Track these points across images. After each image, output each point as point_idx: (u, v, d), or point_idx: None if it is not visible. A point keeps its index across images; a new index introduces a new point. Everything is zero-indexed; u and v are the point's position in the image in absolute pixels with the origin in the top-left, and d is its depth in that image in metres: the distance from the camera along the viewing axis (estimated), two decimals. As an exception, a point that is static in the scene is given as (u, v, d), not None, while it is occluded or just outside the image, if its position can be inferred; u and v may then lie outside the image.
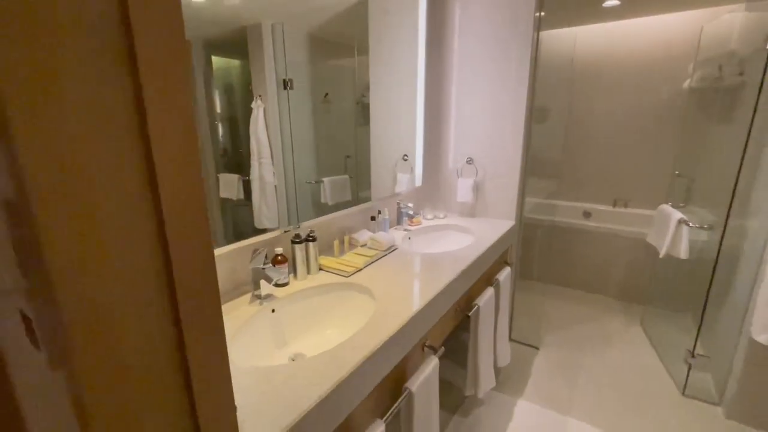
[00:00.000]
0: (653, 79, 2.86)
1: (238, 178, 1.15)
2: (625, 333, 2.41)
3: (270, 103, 1.18)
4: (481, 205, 2.09)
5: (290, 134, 1.28)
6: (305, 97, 1.35)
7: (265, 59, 1.16)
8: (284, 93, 1.23)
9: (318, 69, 1.39)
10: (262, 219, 1.24)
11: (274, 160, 1.23)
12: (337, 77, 1.53)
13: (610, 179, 3.19)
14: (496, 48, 1.86)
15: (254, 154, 1.17)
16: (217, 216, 1.14)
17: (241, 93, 1.15)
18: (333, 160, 1.56)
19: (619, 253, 2.78)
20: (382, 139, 1.85)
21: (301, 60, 1.31)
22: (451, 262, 1.42)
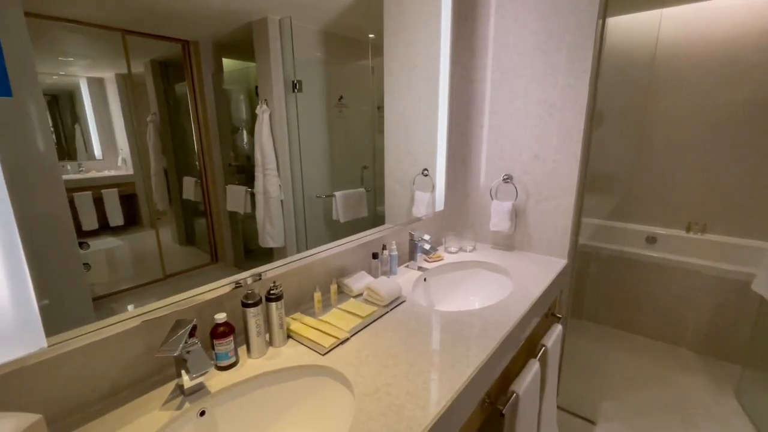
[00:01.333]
0: (751, 71, 2.26)
1: (245, 191, 1.04)
2: (715, 406, 1.83)
3: (276, 107, 1.07)
4: (521, 235, 1.62)
5: (298, 142, 1.15)
6: (317, 100, 1.21)
7: (271, 59, 1.05)
8: (292, 96, 1.11)
9: (331, 69, 1.25)
10: (266, 237, 1.10)
11: (281, 172, 1.10)
12: (354, 78, 1.36)
13: (684, 197, 2.59)
14: (545, 36, 1.41)
15: (258, 165, 1.05)
16: (226, 231, 1.01)
17: (251, 98, 1.05)
18: (348, 172, 1.38)
19: (700, 293, 2.18)
20: (399, 149, 1.50)
21: (312, 59, 1.18)
22: (481, 328, 0.98)
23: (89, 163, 0.77)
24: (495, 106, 1.59)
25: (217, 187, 0.97)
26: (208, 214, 0.97)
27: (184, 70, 0.88)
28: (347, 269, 1.27)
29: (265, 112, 1.04)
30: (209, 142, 0.95)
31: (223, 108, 0.98)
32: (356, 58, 1.36)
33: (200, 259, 0.98)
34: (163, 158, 0.87)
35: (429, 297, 1.41)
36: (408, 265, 1.47)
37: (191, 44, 0.89)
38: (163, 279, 0.88)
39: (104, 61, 0.76)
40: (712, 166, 2.47)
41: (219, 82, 0.95)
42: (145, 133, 0.84)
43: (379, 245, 1.38)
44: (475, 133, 1.67)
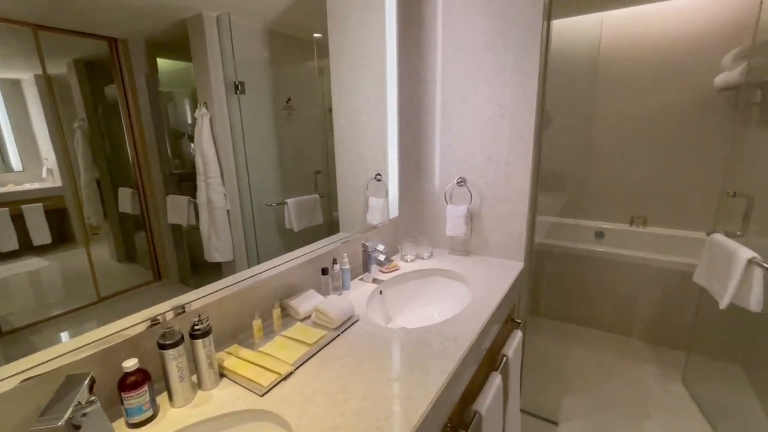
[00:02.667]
0: (682, 74, 2.40)
1: (188, 201, 0.97)
2: (666, 395, 1.90)
3: (217, 110, 1.00)
4: (477, 240, 1.58)
5: (244, 147, 1.07)
6: (262, 102, 1.13)
7: (209, 59, 0.98)
8: (234, 98, 1.04)
9: (277, 70, 1.17)
10: (212, 251, 1.01)
11: (225, 180, 1.02)
12: (302, 80, 1.29)
13: (627, 193, 2.72)
14: (493, 35, 1.37)
15: (200, 172, 0.98)
16: (169, 245, 0.92)
17: (194, 101, 0.98)
18: (300, 177, 1.31)
19: (646, 285, 2.28)
20: (350, 153, 1.43)
21: (256, 59, 1.10)
22: (439, 346, 0.91)
23: (6, 176, 0.67)
24: (446, 107, 1.54)
25: (156, 198, 0.88)
26: (148, 228, 0.87)
27: (113, 71, 0.79)
28: (294, 288, 1.16)
29: (204, 116, 0.97)
30: (145, 150, 0.86)
31: (161, 112, 0.91)
32: (303, 58, 1.28)
33: (141, 277, 0.87)
34: (95, 168, 0.78)
35: (386, 311, 1.33)
36: (362, 277, 1.37)
37: (119, 42, 0.80)
38: (98, 302, 0.77)
39: (18, 60, 0.66)
40: (650, 163, 2.60)
41: (154, 83, 0.88)
42: (72, 141, 0.74)
43: (329, 259, 1.27)
44: (428, 136, 1.61)
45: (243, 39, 1.05)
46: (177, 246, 0.94)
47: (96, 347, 0.70)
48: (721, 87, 2.18)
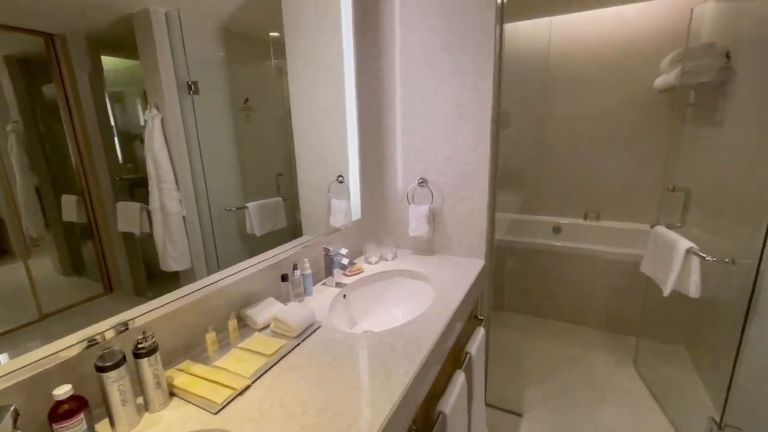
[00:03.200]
0: (626, 76, 2.55)
1: (140, 208, 0.92)
2: (619, 378, 2.01)
3: (169, 112, 0.95)
4: (440, 239, 1.60)
5: (199, 150, 1.03)
6: (218, 103, 1.09)
7: (158, 57, 0.94)
8: (188, 99, 1.00)
9: (234, 70, 1.13)
10: (167, 259, 0.97)
11: (180, 185, 0.98)
12: (260, 80, 1.25)
13: (580, 189, 2.86)
14: (449, 36, 1.39)
15: (152, 177, 0.93)
16: (121, 255, 0.87)
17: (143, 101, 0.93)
18: (262, 180, 1.27)
19: (601, 276, 2.40)
20: (311, 154, 1.40)
21: (210, 58, 1.06)
22: (402, 348, 0.90)
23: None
24: (406, 107, 1.54)
25: (105, 205, 0.83)
26: (97, 237, 0.81)
27: (51, 69, 0.74)
28: (252, 297, 1.11)
29: (155, 118, 0.93)
30: (91, 154, 0.81)
31: (107, 113, 0.86)
32: (261, 58, 1.24)
33: (90, 291, 0.81)
34: (33, 174, 0.72)
35: (350, 315, 1.31)
36: (325, 282, 1.34)
37: (57, 38, 0.74)
38: (40, 319, 0.71)
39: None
40: (600, 160, 2.75)
41: (99, 83, 0.84)
42: (5, 145, 0.68)
43: (289, 265, 1.23)
44: (388, 136, 1.60)
45: (195, 37, 1.01)
46: (130, 255, 0.89)
47: (24, 374, 0.63)
48: (660, 89, 2.33)
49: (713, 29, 1.93)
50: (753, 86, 1.60)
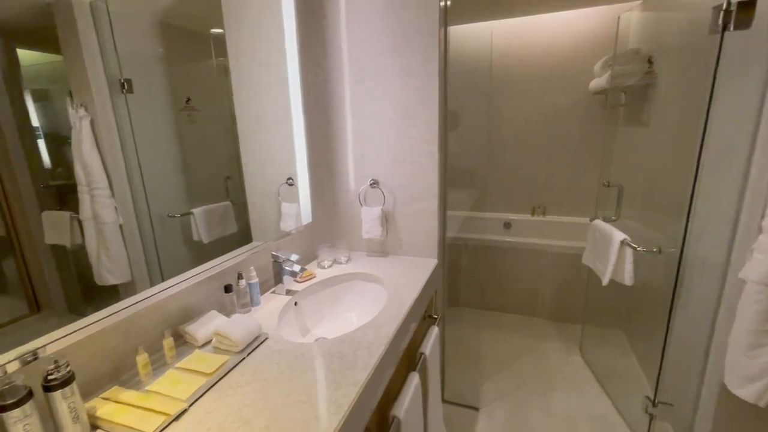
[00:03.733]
0: (565, 79, 2.70)
1: (70, 217, 0.85)
2: (567, 365, 2.12)
3: (100, 112, 0.89)
4: (393, 240, 1.59)
5: (136, 153, 0.96)
6: (156, 103, 1.03)
7: (84, 52, 0.86)
8: (121, 98, 0.93)
9: (174, 68, 1.06)
10: (103, 272, 0.90)
11: (115, 191, 0.92)
12: (203, 78, 1.18)
13: (528, 186, 2.99)
14: (394, 37, 1.38)
15: (82, 183, 0.87)
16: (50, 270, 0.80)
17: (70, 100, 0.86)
18: (208, 184, 1.20)
19: (548, 268, 2.53)
20: (258, 156, 1.34)
21: (146, 54, 0.99)
22: (352, 356, 0.87)
23: None
24: (355, 108, 1.51)
25: (28, 216, 0.76)
26: (19, 251, 0.73)
27: None
28: (192, 311, 1.03)
29: (83, 119, 0.86)
30: (8, 158, 0.73)
31: (27, 113, 0.79)
32: (204, 55, 1.17)
33: (13, 311, 0.72)
34: None
35: (302, 323, 1.26)
36: (275, 290, 1.29)
37: None
38: None
39: None
40: (545, 158, 2.89)
41: (15, 79, 0.76)
42: None
43: (233, 274, 1.17)
44: (339, 137, 1.57)
45: (127, 31, 0.94)
46: (61, 270, 0.82)
47: None
48: (594, 91, 2.49)
49: (638, 36, 2.09)
50: (672, 89, 1.75)
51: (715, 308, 1.34)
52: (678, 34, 1.67)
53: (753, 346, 1.14)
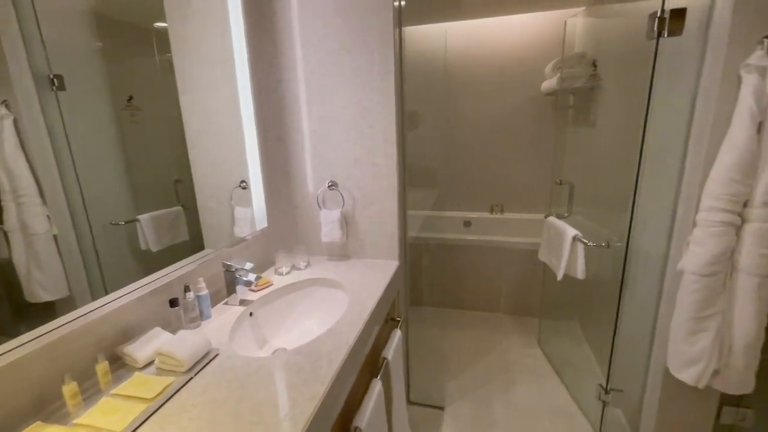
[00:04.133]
0: (518, 81, 2.79)
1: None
2: (526, 359, 2.19)
3: (25, 111, 0.81)
4: (354, 243, 1.56)
5: (71, 156, 0.89)
6: (93, 101, 0.95)
7: (4, 44, 0.77)
8: (51, 96, 0.86)
9: (115, 64, 0.99)
10: (34, 288, 0.82)
11: (47, 198, 0.85)
12: (148, 75, 1.10)
13: (486, 185, 3.07)
14: (348, 35, 1.35)
15: (6, 191, 0.79)
16: None
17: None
18: (156, 188, 1.13)
19: (507, 265, 2.60)
20: (207, 159, 1.27)
21: (80, 48, 0.91)
22: (311, 367, 0.83)
23: None
24: (310, 108, 1.47)
25: None
26: None
27: None
28: (132, 330, 0.94)
29: (4, 119, 0.80)
30: None
31: None
32: (147, 50, 1.08)
33: None
34: None
35: (259, 334, 1.20)
36: (227, 301, 1.21)
37: None
38: None
39: None
40: (502, 157, 2.97)
41: None
42: None
43: (180, 286, 1.08)
44: (294, 138, 1.51)
45: (56, 21, 0.86)
46: None
47: None
48: (546, 92, 2.60)
49: (583, 40, 2.19)
50: (614, 92, 1.85)
51: (657, 298, 1.43)
52: (618, 39, 1.77)
53: (691, 333, 1.22)
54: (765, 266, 1.10)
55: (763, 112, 1.07)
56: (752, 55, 1.07)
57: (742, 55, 1.09)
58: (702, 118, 1.23)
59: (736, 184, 1.10)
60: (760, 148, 1.08)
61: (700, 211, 1.19)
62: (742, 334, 1.17)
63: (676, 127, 1.32)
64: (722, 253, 1.14)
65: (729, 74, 1.13)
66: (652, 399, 1.47)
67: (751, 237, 1.11)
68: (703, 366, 1.21)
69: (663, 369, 1.36)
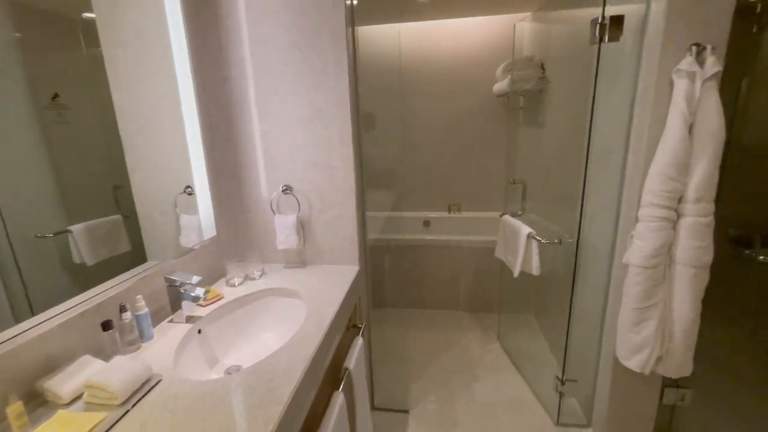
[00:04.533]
0: (472, 82, 2.84)
1: None
2: (487, 354, 2.24)
3: None
4: (312, 249, 1.50)
5: None
6: (11, 99, 0.84)
7: None
8: None
9: (37, 57, 0.89)
10: None
11: None
12: (77, 71, 0.99)
13: (444, 184, 3.10)
14: (299, 33, 1.29)
15: None
16: None
17: None
18: (93, 195, 1.03)
19: (466, 263, 2.65)
20: (147, 162, 1.16)
21: None
22: (265, 388, 0.77)
23: None
24: (262, 108, 1.39)
25: None
26: None
27: None
28: (56, 360, 0.83)
29: None
30: None
31: None
32: (74, 43, 0.97)
33: None
34: None
35: (209, 353, 1.11)
36: (172, 318, 1.11)
37: None
38: None
39: None
40: (458, 157, 3.02)
41: None
42: None
43: (114, 307, 0.97)
44: (244, 140, 1.42)
45: None
46: None
47: None
48: (498, 94, 2.67)
49: (531, 44, 2.28)
50: (562, 93, 1.93)
51: (606, 290, 1.50)
52: (564, 43, 1.85)
53: (637, 322, 1.30)
54: (699, 258, 1.19)
55: (693, 114, 1.15)
56: (682, 61, 1.15)
57: (674, 61, 1.17)
58: (640, 120, 1.30)
59: (672, 182, 1.18)
60: (692, 147, 1.16)
61: (641, 207, 1.26)
62: (680, 322, 1.25)
63: (619, 128, 1.40)
64: (662, 246, 1.22)
65: (663, 79, 1.20)
66: (603, 387, 1.54)
67: (686, 231, 1.20)
68: (648, 353, 1.29)
69: (612, 358, 1.44)
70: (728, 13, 1.13)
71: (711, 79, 1.12)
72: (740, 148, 1.25)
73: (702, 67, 1.13)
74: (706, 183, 1.16)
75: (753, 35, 1.21)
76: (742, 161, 1.26)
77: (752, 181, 1.29)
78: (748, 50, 1.22)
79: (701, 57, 1.14)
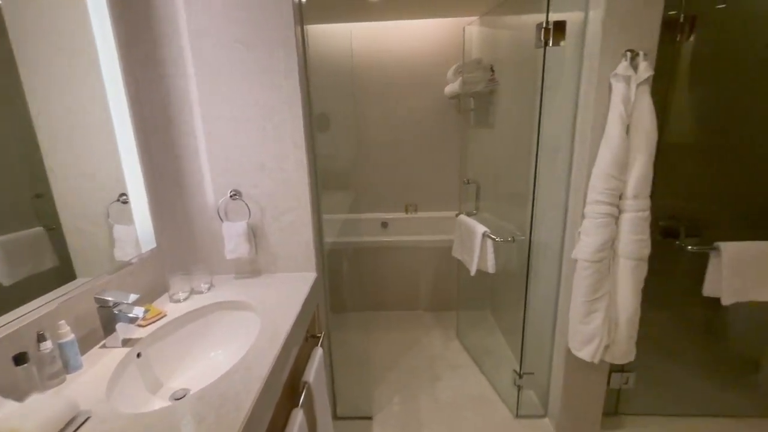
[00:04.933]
0: (424, 83, 2.87)
1: None
2: (447, 352, 2.26)
3: None
4: (265, 257, 1.42)
5: None
6: None
7: None
8: None
9: None
10: None
11: None
12: None
13: (400, 185, 3.11)
14: (245, 27, 1.21)
15: None
16: None
17: None
18: (6, 206, 0.91)
19: (424, 263, 2.66)
20: (74, 169, 1.05)
21: None
22: (215, 415, 0.70)
23: None
24: (205, 108, 1.29)
25: None
26: None
27: None
28: (-48, 405, 0.70)
29: None
30: None
31: None
32: None
33: None
34: None
35: (151, 379, 1.00)
36: (105, 343, 0.99)
37: None
38: None
39: None
40: (413, 158, 3.04)
41: None
42: None
43: (31, 335, 0.84)
44: (185, 143, 1.31)
45: None
46: None
47: None
48: (449, 95, 2.72)
49: (480, 47, 2.34)
50: (510, 95, 2.00)
51: (557, 285, 1.57)
52: (512, 47, 1.91)
53: (586, 314, 1.36)
54: (639, 251, 1.27)
55: (629, 115, 1.23)
56: (619, 66, 1.22)
57: (612, 66, 1.24)
58: (583, 121, 1.37)
59: (613, 180, 1.25)
60: (629, 147, 1.24)
61: (586, 204, 1.32)
62: (624, 311, 1.33)
63: (564, 129, 1.46)
64: (607, 241, 1.29)
65: (603, 82, 1.27)
66: (557, 378, 1.61)
67: (626, 225, 1.27)
68: (597, 343, 1.36)
69: (565, 349, 1.50)
70: (657, 22, 1.22)
71: (644, 83, 1.20)
72: (666, 146, 1.36)
73: (636, 71, 1.20)
74: (642, 180, 1.24)
75: (676, 44, 1.32)
76: (667, 158, 1.36)
77: (676, 176, 1.41)
78: (672, 58, 1.33)
79: (635, 62, 1.22)
